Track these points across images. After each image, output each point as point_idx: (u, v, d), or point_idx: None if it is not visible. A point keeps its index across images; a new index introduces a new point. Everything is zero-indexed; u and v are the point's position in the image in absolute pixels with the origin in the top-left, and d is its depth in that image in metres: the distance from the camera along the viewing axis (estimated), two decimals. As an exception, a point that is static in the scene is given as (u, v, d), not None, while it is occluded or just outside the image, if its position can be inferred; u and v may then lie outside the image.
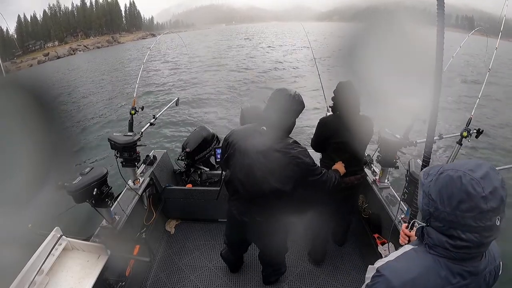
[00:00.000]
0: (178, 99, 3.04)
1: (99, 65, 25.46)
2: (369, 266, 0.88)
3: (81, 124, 8.38)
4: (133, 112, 2.50)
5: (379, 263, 0.84)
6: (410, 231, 1.06)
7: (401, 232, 1.08)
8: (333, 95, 1.93)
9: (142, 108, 2.59)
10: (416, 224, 0.90)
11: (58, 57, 54.14)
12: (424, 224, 0.79)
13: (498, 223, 0.69)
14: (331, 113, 2.06)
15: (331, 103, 1.99)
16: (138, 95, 2.72)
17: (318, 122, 2.01)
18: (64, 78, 18.46)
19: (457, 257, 0.74)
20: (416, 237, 0.86)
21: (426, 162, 1.11)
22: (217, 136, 3.06)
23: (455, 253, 0.73)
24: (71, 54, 57.28)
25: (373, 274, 0.83)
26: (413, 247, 0.84)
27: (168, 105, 2.99)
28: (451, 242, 0.73)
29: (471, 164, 0.72)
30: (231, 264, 2.24)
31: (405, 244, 1.04)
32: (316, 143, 2.05)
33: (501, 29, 2.18)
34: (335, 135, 1.92)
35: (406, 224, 1.08)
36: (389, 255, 0.86)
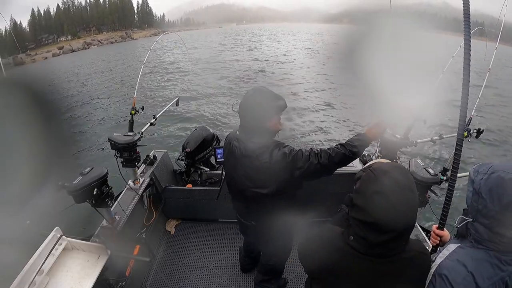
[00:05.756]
0: (178, 99, 3.03)
1: (109, 60, 25.42)
2: None
3: (81, 124, 8.38)
4: (133, 112, 2.49)
5: (431, 268, 0.88)
6: (441, 231, 1.10)
7: (432, 233, 1.11)
8: (354, 203, 0.83)
9: (143, 108, 2.58)
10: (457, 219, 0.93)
11: (73, 51, 55.08)
12: (471, 220, 0.84)
13: None
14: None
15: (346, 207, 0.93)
16: (138, 95, 2.72)
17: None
18: (65, 75, 18.47)
19: (507, 249, 0.78)
20: (453, 235, 0.92)
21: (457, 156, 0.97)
22: (217, 136, 3.06)
23: (504, 246, 0.79)
24: (85, 48, 58.14)
25: (429, 279, 0.86)
26: (456, 245, 0.89)
27: (169, 105, 2.99)
28: (500, 237, 0.78)
29: None
30: (241, 262, 2.26)
31: (436, 243, 1.09)
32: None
33: (501, 28, 2.18)
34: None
35: (437, 225, 1.11)
36: (436, 258, 0.91)
